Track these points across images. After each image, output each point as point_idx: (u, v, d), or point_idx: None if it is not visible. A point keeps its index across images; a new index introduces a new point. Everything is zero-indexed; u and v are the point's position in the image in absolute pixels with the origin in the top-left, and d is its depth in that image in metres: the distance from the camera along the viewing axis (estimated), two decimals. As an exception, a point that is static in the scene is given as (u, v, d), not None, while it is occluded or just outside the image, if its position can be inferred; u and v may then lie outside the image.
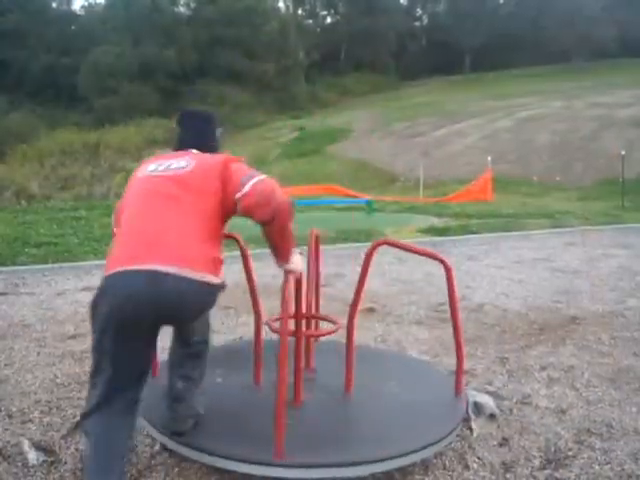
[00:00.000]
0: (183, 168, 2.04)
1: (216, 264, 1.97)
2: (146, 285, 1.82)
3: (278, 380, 2.00)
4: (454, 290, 2.50)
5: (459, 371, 2.63)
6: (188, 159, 2.08)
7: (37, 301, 4.92)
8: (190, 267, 1.86)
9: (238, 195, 1.95)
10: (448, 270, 2.45)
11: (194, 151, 2.19)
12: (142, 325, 1.88)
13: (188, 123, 2.31)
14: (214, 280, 1.94)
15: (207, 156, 2.13)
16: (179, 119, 2.33)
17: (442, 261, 2.46)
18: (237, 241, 2.65)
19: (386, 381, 2.79)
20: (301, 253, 2.28)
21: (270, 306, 3.22)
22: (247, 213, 1.97)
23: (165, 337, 2.24)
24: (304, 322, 2.68)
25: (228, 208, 1.99)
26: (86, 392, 2.80)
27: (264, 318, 2.74)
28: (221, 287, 2.01)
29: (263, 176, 2.01)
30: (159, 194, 1.99)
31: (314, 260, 2.76)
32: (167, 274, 1.83)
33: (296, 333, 2.49)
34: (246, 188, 1.94)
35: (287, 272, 2.20)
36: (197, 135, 2.26)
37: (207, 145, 2.24)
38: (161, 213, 1.94)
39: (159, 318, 1.91)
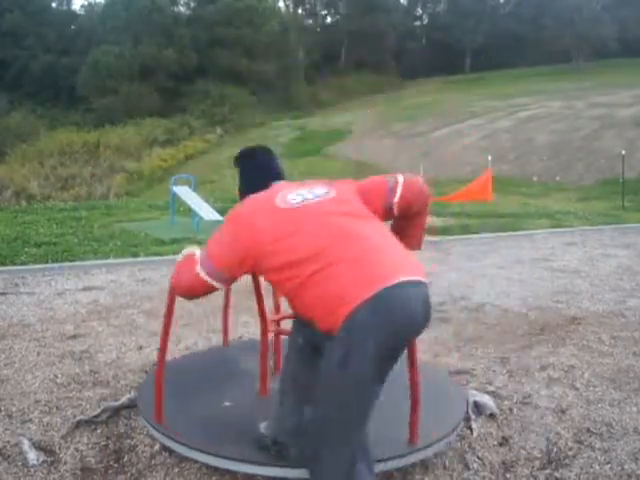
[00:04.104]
0: (335, 195, 1.97)
1: None
2: (423, 296, 1.82)
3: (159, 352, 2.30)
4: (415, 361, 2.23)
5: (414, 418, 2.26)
6: (324, 187, 2.00)
7: (37, 301, 4.92)
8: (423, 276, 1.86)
9: (395, 200, 2.03)
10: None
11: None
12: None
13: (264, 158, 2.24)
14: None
15: (339, 182, 2.08)
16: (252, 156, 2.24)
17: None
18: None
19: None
20: None
21: (269, 305, 3.21)
22: (405, 210, 2.08)
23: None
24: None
25: (383, 219, 2.04)
26: (86, 392, 2.79)
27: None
28: None
29: (399, 175, 2.10)
30: (350, 216, 1.90)
31: None
32: (425, 284, 1.83)
33: (263, 331, 2.62)
34: (398, 191, 2.03)
35: None
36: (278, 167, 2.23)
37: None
38: (368, 234, 1.85)
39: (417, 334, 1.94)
